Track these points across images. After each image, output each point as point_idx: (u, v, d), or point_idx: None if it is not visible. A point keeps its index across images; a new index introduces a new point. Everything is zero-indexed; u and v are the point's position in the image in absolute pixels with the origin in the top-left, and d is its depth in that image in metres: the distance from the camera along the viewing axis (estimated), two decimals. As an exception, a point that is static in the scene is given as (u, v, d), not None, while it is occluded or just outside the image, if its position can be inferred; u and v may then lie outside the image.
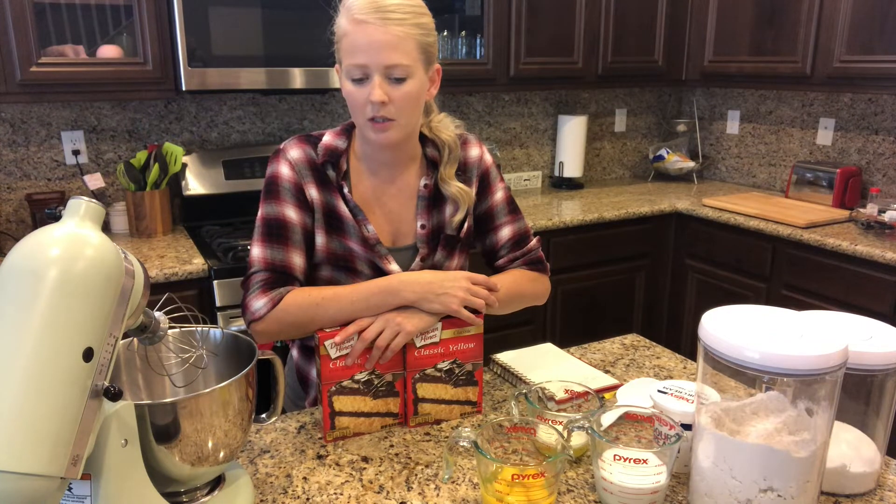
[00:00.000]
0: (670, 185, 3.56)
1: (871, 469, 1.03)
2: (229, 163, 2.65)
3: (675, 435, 0.97)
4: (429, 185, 1.31)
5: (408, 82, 1.16)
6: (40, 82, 2.15)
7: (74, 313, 0.73)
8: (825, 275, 2.55)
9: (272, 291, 1.19)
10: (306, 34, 2.40)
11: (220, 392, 0.91)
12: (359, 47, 1.13)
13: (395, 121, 1.18)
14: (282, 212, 1.23)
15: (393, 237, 1.31)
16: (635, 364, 1.48)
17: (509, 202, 1.38)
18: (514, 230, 1.37)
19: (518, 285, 1.34)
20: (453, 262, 1.35)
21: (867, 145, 2.98)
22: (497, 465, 0.95)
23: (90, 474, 0.80)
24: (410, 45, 1.14)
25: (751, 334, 0.89)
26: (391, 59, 1.13)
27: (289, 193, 1.24)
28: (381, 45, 1.12)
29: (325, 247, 1.27)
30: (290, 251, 1.23)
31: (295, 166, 1.24)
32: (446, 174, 1.31)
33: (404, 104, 1.17)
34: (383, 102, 1.15)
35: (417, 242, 1.31)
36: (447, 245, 1.33)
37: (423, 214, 1.31)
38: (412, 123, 1.23)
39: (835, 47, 2.67)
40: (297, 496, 1.03)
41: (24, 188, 2.48)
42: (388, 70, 1.14)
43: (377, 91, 1.14)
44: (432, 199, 1.32)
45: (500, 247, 1.37)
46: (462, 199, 1.31)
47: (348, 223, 1.26)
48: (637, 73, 3.24)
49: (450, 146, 1.31)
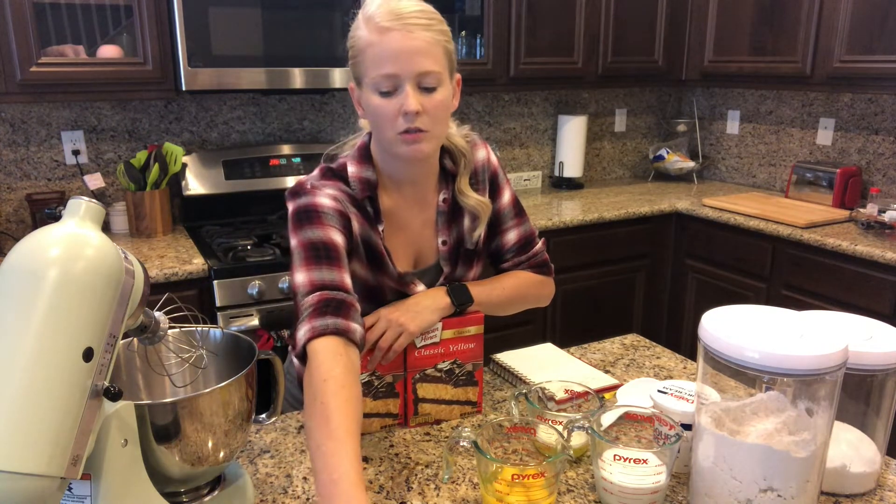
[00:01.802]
0: (670, 185, 3.56)
1: (871, 469, 1.03)
2: (229, 163, 2.65)
3: (675, 435, 0.97)
4: (447, 199, 1.26)
5: (439, 91, 1.10)
6: (40, 82, 2.15)
7: (74, 313, 0.72)
8: (825, 275, 2.55)
9: (321, 318, 1.01)
10: (306, 34, 2.40)
11: (220, 392, 0.91)
12: (387, 56, 1.06)
13: (429, 132, 1.10)
14: (327, 235, 1.10)
15: (415, 259, 1.27)
16: (635, 364, 1.48)
17: (515, 204, 1.36)
18: (520, 234, 1.35)
19: (521, 288, 1.33)
20: (471, 273, 1.32)
21: (867, 145, 2.98)
22: (497, 465, 0.95)
23: (90, 474, 0.80)
24: (439, 51, 1.09)
25: (751, 334, 0.89)
26: (423, 65, 1.07)
27: (333, 219, 1.12)
28: (411, 52, 1.06)
29: (363, 278, 1.21)
30: (342, 272, 1.09)
31: (336, 199, 1.15)
32: (463, 185, 1.26)
33: (437, 114, 1.10)
34: (417, 112, 1.07)
35: (440, 260, 1.27)
36: (466, 258, 1.30)
37: (444, 230, 1.27)
38: (442, 135, 1.17)
39: (835, 47, 2.66)
40: (297, 496, 1.03)
41: (24, 188, 2.48)
42: (419, 78, 1.07)
43: (412, 100, 1.06)
44: (451, 214, 1.27)
45: (505, 250, 1.35)
46: (483, 211, 1.27)
47: (385, 260, 1.21)
48: (637, 73, 3.24)
49: (465, 153, 1.26)
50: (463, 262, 1.29)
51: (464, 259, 1.29)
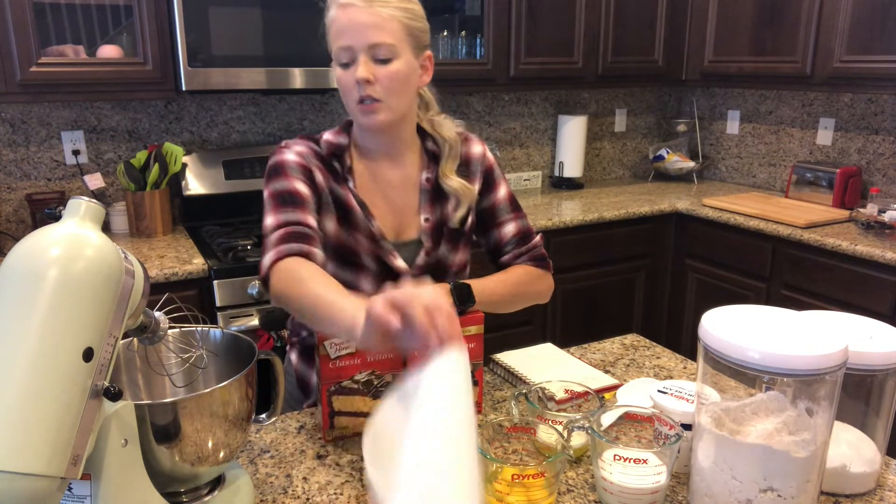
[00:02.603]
0: (670, 185, 3.56)
1: (871, 469, 1.03)
2: (229, 163, 2.66)
3: (675, 435, 0.97)
4: (430, 179, 1.32)
5: (393, 62, 1.17)
6: (40, 82, 2.15)
7: (74, 313, 0.72)
8: (825, 275, 2.55)
9: (285, 245, 1.14)
10: (306, 34, 2.40)
11: (220, 392, 0.91)
12: (343, 30, 1.16)
13: (383, 101, 1.19)
14: (291, 185, 1.21)
15: (396, 231, 1.32)
16: (635, 364, 1.48)
17: (512, 200, 1.40)
18: (518, 227, 1.38)
19: (523, 284, 1.34)
20: (457, 256, 1.36)
21: (867, 145, 2.98)
22: (497, 465, 0.95)
23: (90, 474, 0.80)
24: (394, 25, 1.16)
25: (751, 334, 0.89)
26: (374, 37, 1.15)
27: (297, 171, 1.23)
28: (364, 26, 1.15)
29: (336, 235, 1.26)
30: (306, 213, 1.19)
31: (301, 155, 1.25)
32: (447, 169, 1.32)
33: (390, 84, 1.18)
34: (368, 81, 1.16)
35: (422, 236, 1.32)
36: (451, 238, 1.34)
37: (427, 208, 1.32)
38: (402, 106, 1.23)
39: (835, 47, 2.66)
40: (297, 496, 1.03)
41: (24, 188, 2.48)
42: (372, 50, 1.16)
43: (361, 68, 1.16)
44: (435, 193, 1.33)
45: (504, 243, 1.38)
46: (463, 195, 1.32)
47: (357, 215, 1.27)
48: (637, 73, 3.24)
49: (450, 143, 1.32)
50: (447, 241, 1.33)
51: (448, 238, 1.33)
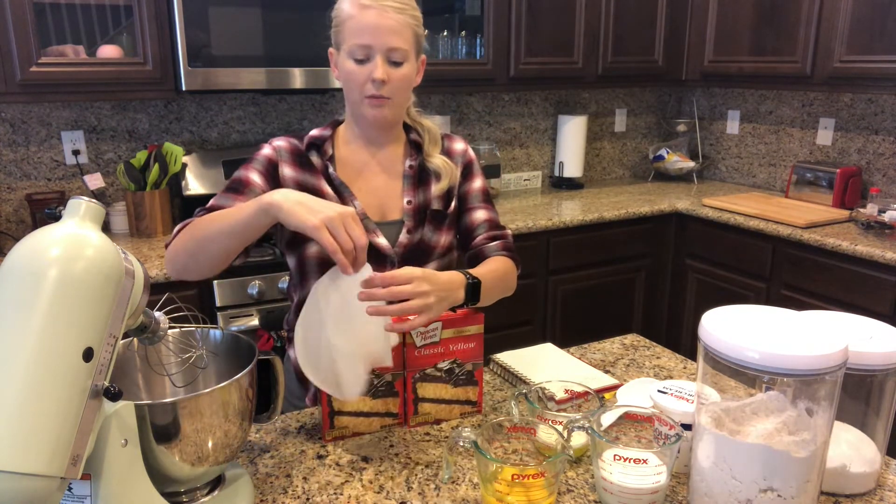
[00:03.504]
0: (670, 185, 3.56)
1: (871, 469, 1.03)
2: (229, 163, 2.65)
3: (675, 435, 0.97)
4: (413, 165, 1.39)
5: (404, 66, 1.27)
6: (40, 82, 2.15)
7: (74, 313, 0.73)
8: (825, 275, 2.55)
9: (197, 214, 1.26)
10: (306, 34, 2.40)
11: (220, 392, 0.91)
12: (365, 29, 1.23)
13: (391, 99, 1.28)
14: (246, 174, 1.31)
15: (380, 211, 1.37)
16: (635, 364, 1.48)
17: (486, 193, 1.46)
18: (490, 215, 1.45)
19: (507, 277, 1.36)
20: (441, 238, 1.39)
21: (867, 145, 2.98)
22: (497, 465, 0.95)
23: (90, 474, 0.80)
24: (408, 32, 1.26)
25: (751, 334, 0.89)
26: (393, 42, 1.24)
27: (259, 163, 1.32)
28: (385, 30, 1.23)
29: None
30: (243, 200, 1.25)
31: (276, 149, 1.35)
32: (430, 150, 1.39)
33: (400, 85, 1.28)
34: (383, 81, 1.25)
35: (404, 217, 1.36)
36: (434, 220, 1.38)
37: (409, 191, 1.38)
38: (403, 105, 1.34)
39: (835, 47, 2.66)
40: (297, 496, 1.03)
41: (24, 188, 2.48)
42: (389, 52, 1.25)
43: (380, 70, 1.24)
44: (417, 178, 1.39)
45: (476, 226, 1.43)
46: (445, 171, 1.39)
47: (332, 199, 1.31)
48: (637, 72, 3.24)
49: (430, 131, 1.41)
50: (430, 223, 1.38)
51: (431, 220, 1.38)
